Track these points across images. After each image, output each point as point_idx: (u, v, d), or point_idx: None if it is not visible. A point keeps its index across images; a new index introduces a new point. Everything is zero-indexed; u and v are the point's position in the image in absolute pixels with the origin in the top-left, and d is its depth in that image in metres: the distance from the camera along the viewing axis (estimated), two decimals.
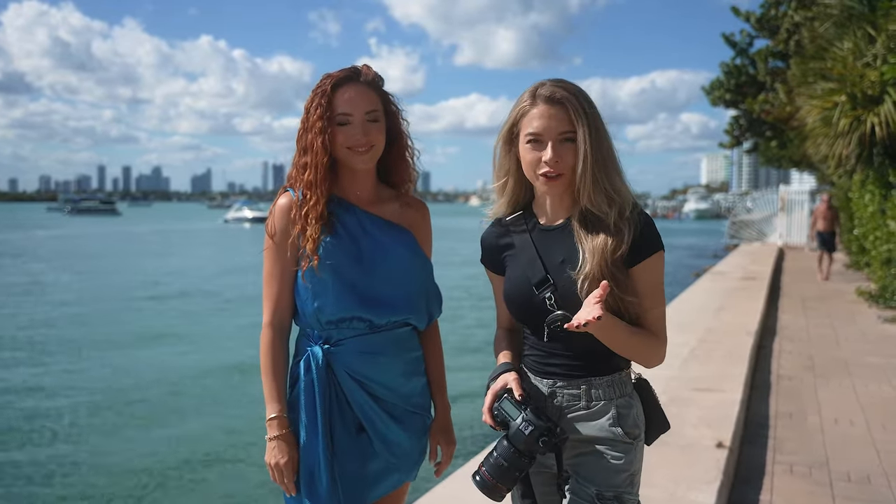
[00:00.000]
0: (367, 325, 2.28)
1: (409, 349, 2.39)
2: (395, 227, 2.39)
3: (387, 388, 2.31)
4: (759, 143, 25.76)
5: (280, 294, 2.32)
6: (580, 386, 2.09)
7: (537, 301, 2.08)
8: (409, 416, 2.37)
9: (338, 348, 2.28)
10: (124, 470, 8.76)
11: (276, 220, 2.32)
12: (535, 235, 2.16)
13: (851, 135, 11.83)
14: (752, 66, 22.85)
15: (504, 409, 2.05)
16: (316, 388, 2.24)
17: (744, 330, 9.44)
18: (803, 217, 27.10)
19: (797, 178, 34.68)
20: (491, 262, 2.27)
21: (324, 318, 2.27)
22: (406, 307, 2.34)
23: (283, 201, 2.34)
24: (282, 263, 2.31)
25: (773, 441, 5.78)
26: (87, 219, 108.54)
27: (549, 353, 2.12)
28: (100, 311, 20.72)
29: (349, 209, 2.35)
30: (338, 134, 2.26)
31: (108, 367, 14.05)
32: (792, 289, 15.43)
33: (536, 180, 2.09)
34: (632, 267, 2.03)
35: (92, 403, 11.54)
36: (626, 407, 2.09)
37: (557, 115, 2.03)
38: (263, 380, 2.29)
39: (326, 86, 2.27)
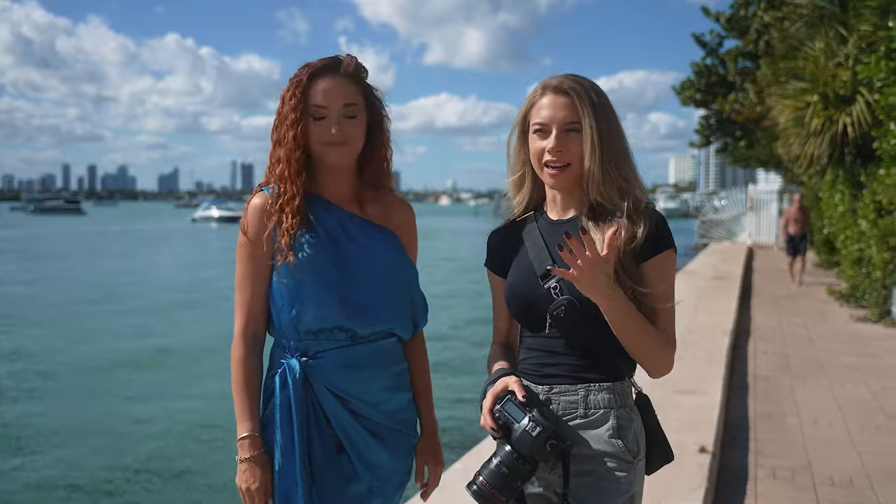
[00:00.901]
0: (349, 335, 2.11)
1: (394, 362, 2.22)
2: (378, 228, 2.22)
3: (369, 405, 2.14)
4: (728, 143, 25.90)
5: (253, 300, 2.14)
6: (578, 392, 1.96)
7: (542, 292, 1.98)
8: (394, 435, 2.19)
9: (317, 361, 2.10)
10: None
11: (249, 221, 2.14)
12: (543, 228, 2.08)
13: (824, 135, 11.88)
14: (721, 66, 22.97)
15: (507, 410, 1.91)
16: (293, 406, 2.06)
17: (719, 330, 9.40)
18: (771, 216, 27.30)
19: (763, 177, 35.00)
20: (496, 262, 2.16)
21: (302, 327, 2.09)
22: (391, 316, 2.17)
23: (256, 201, 2.16)
24: (255, 267, 2.13)
25: (754, 444, 5.71)
26: (50, 218, 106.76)
27: (550, 352, 2.00)
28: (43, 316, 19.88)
29: (328, 209, 2.17)
30: (312, 128, 2.10)
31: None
32: (763, 288, 15.48)
33: (542, 171, 2.02)
34: (644, 262, 1.94)
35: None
36: (627, 420, 1.97)
37: (563, 104, 1.98)
38: (235, 395, 2.11)
39: (303, 76, 2.11)
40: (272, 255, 2.12)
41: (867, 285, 12.26)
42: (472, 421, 7.84)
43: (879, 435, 5.93)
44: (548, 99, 2.00)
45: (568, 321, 1.95)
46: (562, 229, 2.01)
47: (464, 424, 9.10)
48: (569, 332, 1.97)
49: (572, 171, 1.98)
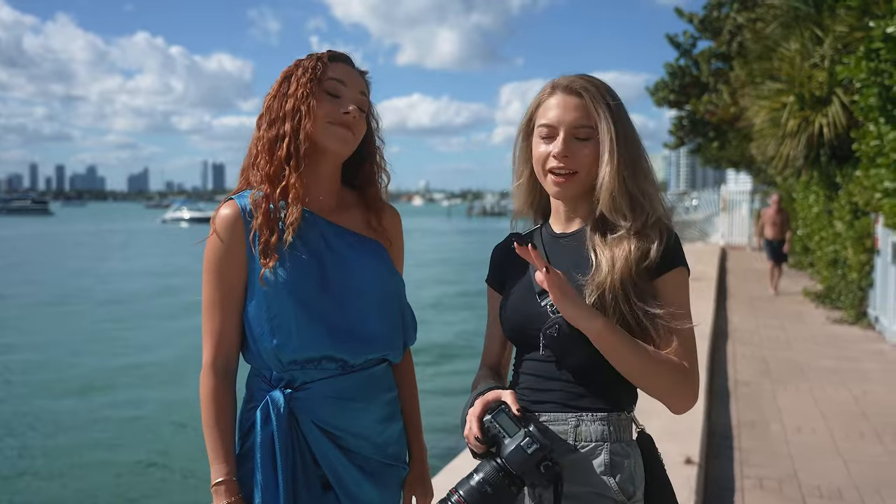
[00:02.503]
0: (339, 365, 1.87)
1: (385, 389, 1.98)
2: (363, 239, 1.98)
3: (360, 439, 1.90)
4: (701, 144, 25.96)
5: (225, 327, 1.87)
6: (569, 421, 1.74)
7: (538, 310, 1.77)
8: (384, 470, 1.95)
9: (303, 393, 1.85)
10: None
11: (219, 235, 1.87)
12: (546, 243, 1.89)
13: (799, 135, 11.84)
14: (695, 67, 22.99)
15: (499, 422, 1.67)
16: (276, 443, 1.81)
17: (697, 334, 9.18)
18: (743, 217, 27.38)
19: (733, 178, 35.19)
20: (497, 279, 1.97)
21: (285, 357, 1.84)
22: (385, 341, 1.94)
23: (226, 212, 1.88)
24: (227, 289, 1.87)
25: (738, 453, 5.57)
26: (17, 219, 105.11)
27: (542, 376, 1.79)
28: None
29: (309, 219, 1.92)
30: (323, 104, 1.86)
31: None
32: (738, 289, 15.43)
33: (545, 178, 1.82)
34: (656, 279, 1.74)
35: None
36: (622, 455, 1.74)
37: (574, 106, 1.79)
38: (206, 435, 1.85)
39: (323, 54, 1.92)
40: (246, 274, 1.87)
41: (843, 287, 12.24)
42: (444, 432, 7.60)
43: (864, 442, 5.82)
44: (557, 98, 1.81)
45: (561, 342, 1.73)
46: (565, 243, 1.84)
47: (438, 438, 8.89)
48: (562, 354, 1.76)
49: (579, 179, 1.79)
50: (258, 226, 1.85)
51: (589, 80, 1.82)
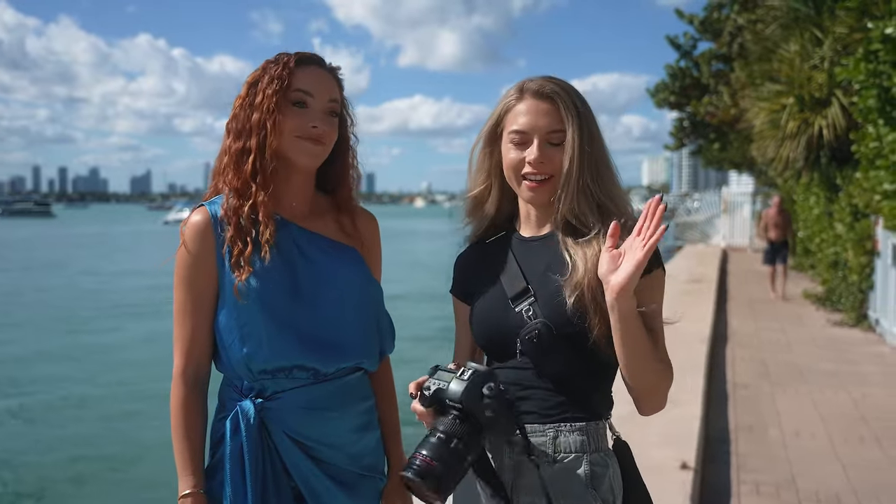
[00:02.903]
0: (310, 374, 1.83)
1: (361, 398, 1.94)
2: (338, 246, 1.93)
3: (334, 449, 1.86)
4: (702, 146, 25.93)
5: (195, 335, 1.84)
6: (548, 432, 1.71)
7: (513, 317, 1.74)
8: (360, 481, 1.91)
9: (274, 403, 1.81)
10: None
11: (189, 242, 1.84)
12: (516, 248, 1.84)
13: (799, 137, 11.80)
14: (695, 68, 22.96)
15: (437, 378, 1.64)
16: (246, 455, 1.77)
17: (697, 336, 9.22)
18: (745, 218, 27.34)
19: (735, 179, 35.11)
20: (462, 287, 1.91)
21: (255, 367, 1.80)
22: (358, 349, 1.89)
23: (197, 218, 1.85)
24: (197, 296, 1.83)
25: (735, 458, 5.52)
26: (19, 221, 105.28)
27: (519, 384, 1.74)
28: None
29: (282, 225, 1.87)
30: (290, 117, 1.81)
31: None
32: (739, 291, 15.37)
33: (519, 185, 1.79)
34: None
35: None
36: (602, 466, 1.71)
37: (547, 111, 1.76)
38: (175, 445, 1.82)
39: (289, 60, 1.84)
40: (216, 282, 1.83)
41: (843, 289, 12.19)
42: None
43: (863, 447, 5.77)
44: (528, 104, 1.78)
45: (540, 348, 1.70)
46: (536, 247, 1.80)
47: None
48: (541, 361, 1.72)
49: (553, 183, 1.76)
50: (229, 238, 1.82)
51: (558, 83, 1.79)
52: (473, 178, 1.88)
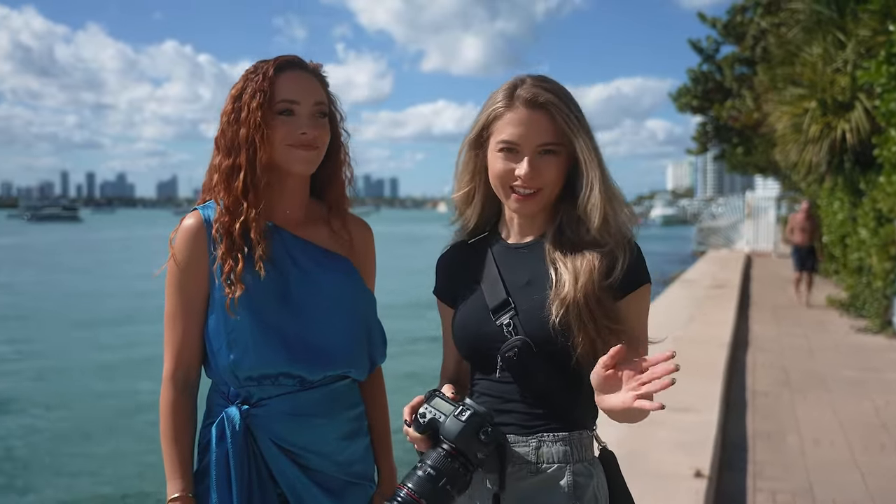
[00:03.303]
0: (296, 381, 1.83)
1: (349, 406, 1.93)
2: (330, 255, 1.92)
3: (321, 456, 1.85)
4: (725, 150, 25.73)
5: (185, 340, 1.84)
6: (530, 443, 1.69)
7: (492, 330, 1.70)
8: (348, 488, 1.90)
9: (260, 409, 1.81)
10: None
11: (180, 246, 1.84)
12: (498, 255, 1.79)
13: (822, 141, 11.67)
14: (718, 72, 22.80)
15: (434, 406, 1.63)
16: (231, 461, 1.77)
17: (716, 342, 9.14)
18: (769, 223, 27.11)
19: (761, 184, 34.78)
20: (445, 290, 1.88)
21: (241, 373, 1.80)
22: (345, 358, 1.88)
23: (189, 222, 1.85)
24: (187, 301, 1.84)
25: (752, 466, 5.45)
26: (47, 226, 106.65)
27: (500, 397, 1.72)
28: None
29: (275, 233, 1.87)
30: (278, 127, 1.79)
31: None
32: (762, 297, 15.22)
33: (507, 197, 1.73)
34: (622, 297, 1.68)
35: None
36: (586, 476, 1.69)
37: (539, 122, 1.68)
38: (164, 449, 1.82)
39: (268, 68, 1.81)
40: (207, 287, 1.83)
41: (867, 295, 12.02)
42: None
43: (883, 455, 5.68)
44: (519, 114, 1.69)
45: (521, 365, 1.67)
46: (520, 256, 1.76)
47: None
48: (521, 378, 1.70)
49: (542, 196, 1.72)
50: (220, 256, 1.81)
51: (549, 87, 1.70)
52: (458, 180, 1.83)
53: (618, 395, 1.51)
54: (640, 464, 4.74)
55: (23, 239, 68.71)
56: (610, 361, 1.52)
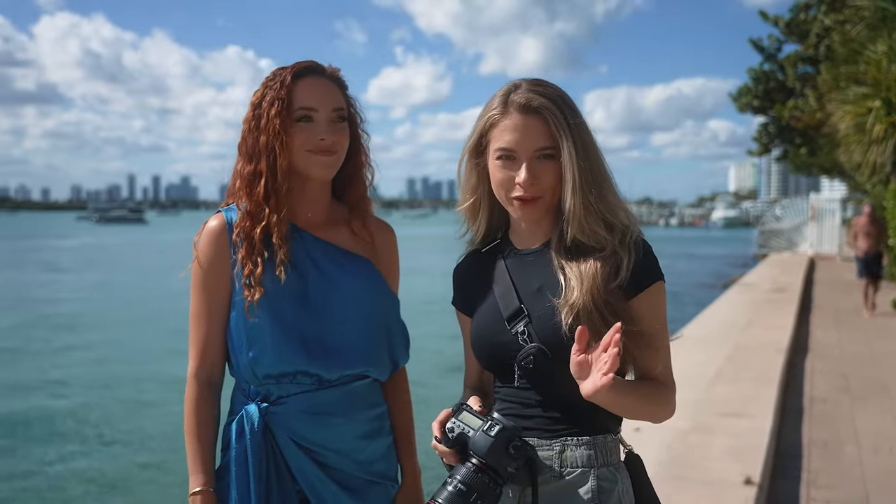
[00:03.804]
0: (314, 380, 1.85)
1: (369, 405, 1.95)
2: (351, 256, 1.95)
3: (340, 455, 1.87)
4: (788, 151, 25.15)
5: (208, 338, 1.89)
6: (554, 447, 1.67)
7: (508, 339, 1.70)
8: (369, 488, 1.91)
9: (278, 407, 1.85)
10: None
11: (203, 247, 1.89)
12: (509, 262, 1.78)
13: (887, 141, 11.31)
14: (780, 71, 22.28)
15: (462, 420, 1.63)
16: (250, 457, 1.81)
17: (774, 347, 8.95)
18: (834, 226, 26.45)
19: (828, 185, 33.95)
20: (462, 301, 1.88)
21: (261, 371, 1.84)
22: (363, 358, 1.91)
23: (213, 224, 1.91)
24: (210, 300, 1.88)
25: (806, 474, 5.32)
26: (113, 228, 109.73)
27: (522, 403, 1.72)
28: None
29: (296, 235, 1.91)
30: (297, 134, 1.83)
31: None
32: (824, 301, 14.84)
33: (510, 204, 1.72)
34: (633, 297, 1.66)
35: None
36: (610, 481, 1.67)
37: (534, 127, 1.67)
38: (187, 444, 1.87)
39: (286, 76, 1.85)
40: (230, 287, 1.88)
41: None
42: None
43: None
44: (513, 120, 1.68)
45: (538, 372, 1.67)
46: (530, 262, 1.75)
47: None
48: (540, 384, 1.69)
49: (545, 201, 1.70)
50: (241, 259, 1.85)
51: (543, 91, 1.69)
52: (463, 192, 1.83)
53: (588, 380, 1.50)
54: (688, 470, 4.68)
55: (91, 240, 70.78)
56: (579, 347, 1.52)
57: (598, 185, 1.68)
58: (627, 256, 1.66)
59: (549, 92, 1.69)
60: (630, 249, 1.67)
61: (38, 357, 15.89)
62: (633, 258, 1.66)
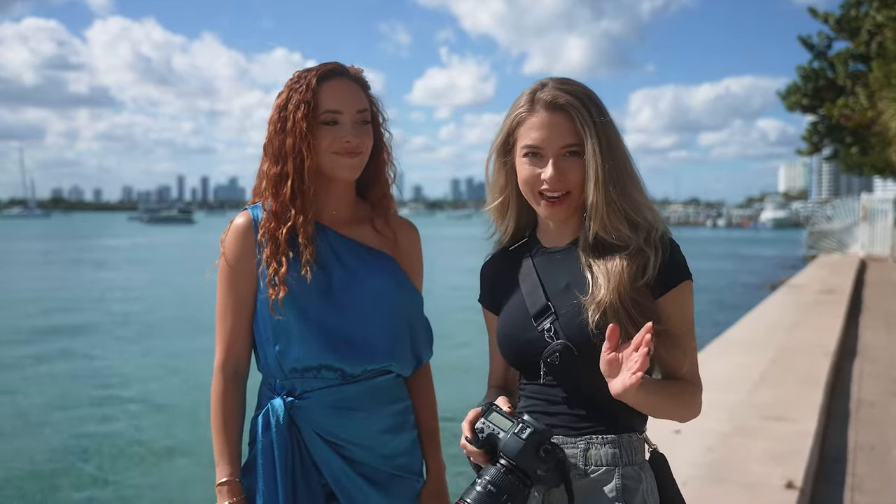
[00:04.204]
0: (338, 375, 1.89)
1: (393, 400, 1.98)
2: (374, 253, 1.99)
3: (364, 449, 1.90)
4: (838, 150, 24.63)
5: (234, 333, 1.94)
6: (578, 445, 1.68)
7: (534, 336, 1.71)
8: (393, 481, 1.94)
9: (303, 402, 1.89)
10: None
11: (230, 245, 1.94)
12: (537, 260, 1.79)
13: None
14: (830, 69, 21.82)
15: (492, 421, 1.65)
16: (276, 450, 1.85)
17: (821, 349, 8.79)
18: (887, 226, 25.87)
19: (881, 185, 33.18)
20: (488, 298, 1.89)
21: (286, 365, 1.88)
22: (386, 353, 1.94)
23: (240, 221, 1.96)
24: (237, 296, 1.93)
25: (851, 479, 5.22)
26: (162, 227, 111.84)
27: (547, 400, 1.73)
28: None
29: (321, 232, 1.95)
30: (323, 136, 1.87)
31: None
32: (874, 303, 14.50)
33: (537, 203, 1.74)
34: (660, 297, 1.66)
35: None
36: (635, 480, 1.67)
37: (560, 124, 1.68)
38: (213, 436, 1.92)
39: (311, 78, 1.88)
40: (255, 283, 1.92)
41: None
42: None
43: None
44: (540, 117, 1.70)
45: (564, 369, 1.67)
46: (558, 260, 1.75)
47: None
48: (566, 381, 1.70)
49: (572, 199, 1.71)
50: (265, 259, 1.89)
51: (570, 89, 1.70)
52: (490, 191, 1.85)
53: (618, 378, 1.51)
54: (729, 472, 4.63)
55: (142, 240, 72.19)
56: (609, 345, 1.52)
57: (622, 182, 1.68)
58: (654, 254, 1.65)
59: (576, 90, 1.71)
60: (656, 247, 1.66)
61: (107, 351, 16.39)
62: (659, 256, 1.66)
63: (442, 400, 2.16)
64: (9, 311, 22.20)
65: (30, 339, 17.61)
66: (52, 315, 21.53)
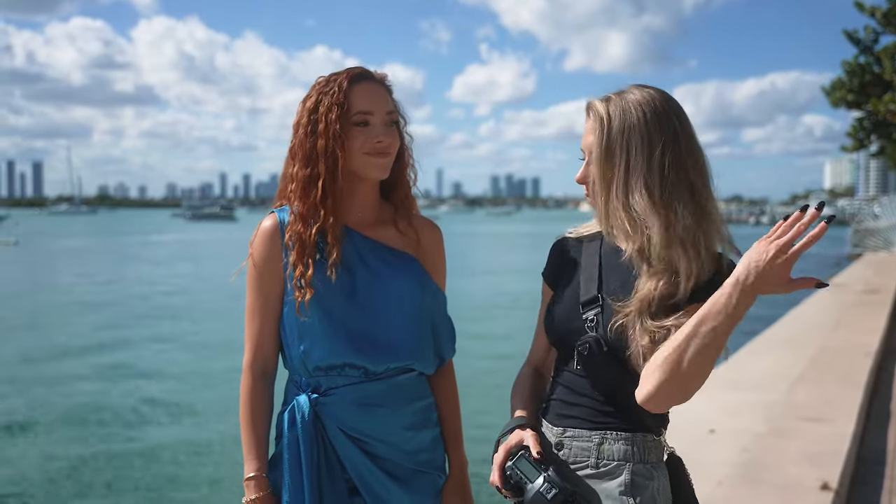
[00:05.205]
0: (361, 372, 1.94)
1: (416, 398, 2.02)
2: (398, 254, 2.03)
3: (387, 445, 1.95)
4: (885, 146, 24.14)
5: (262, 332, 2.00)
6: (593, 438, 1.71)
7: (578, 323, 1.74)
8: (416, 476, 1.99)
9: (328, 398, 1.94)
10: None
11: (258, 247, 2.00)
12: (605, 253, 1.81)
13: None
14: (877, 64, 21.39)
15: (520, 468, 1.69)
16: (301, 446, 1.90)
17: (862, 350, 8.65)
18: None
19: None
20: (552, 274, 1.90)
21: (311, 363, 1.94)
22: (409, 352, 1.98)
23: (267, 224, 2.01)
24: (264, 297, 1.99)
25: (889, 482, 5.15)
26: (204, 224, 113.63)
27: (573, 389, 1.76)
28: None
29: (346, 234, 2.00)
30: (355, 137, 1.92)
31: None
32: None
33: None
34: (687, 306, 1.63)
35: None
36: (646, 477, 1.68)
37: (590, 129, 1.76)
38: (242, 432, 1.98)
39: (342, 81, 1.93)
40: (282, 285, 1.98)
41: None
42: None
43: None
44: (588, 124, 1.78)
45: (591, 361, 1.70)
46: (625, 261, 1.73)
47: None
48: (592, 373, 1.72)
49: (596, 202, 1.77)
50: (292, 262, 1.94)
51: (608, 99, 1.75)
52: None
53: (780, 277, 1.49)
54: (763, 472, 4.60)
55: (185, 236, 73.39)
56: (795, 231, 1.47)
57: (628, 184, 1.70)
58: (693, 273, 1.64)
59: (616, 97, 1.75)
60: (701, 267, 1.65)
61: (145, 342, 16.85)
62: (696, 275, 1.64)
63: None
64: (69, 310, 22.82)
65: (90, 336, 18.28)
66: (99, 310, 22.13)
